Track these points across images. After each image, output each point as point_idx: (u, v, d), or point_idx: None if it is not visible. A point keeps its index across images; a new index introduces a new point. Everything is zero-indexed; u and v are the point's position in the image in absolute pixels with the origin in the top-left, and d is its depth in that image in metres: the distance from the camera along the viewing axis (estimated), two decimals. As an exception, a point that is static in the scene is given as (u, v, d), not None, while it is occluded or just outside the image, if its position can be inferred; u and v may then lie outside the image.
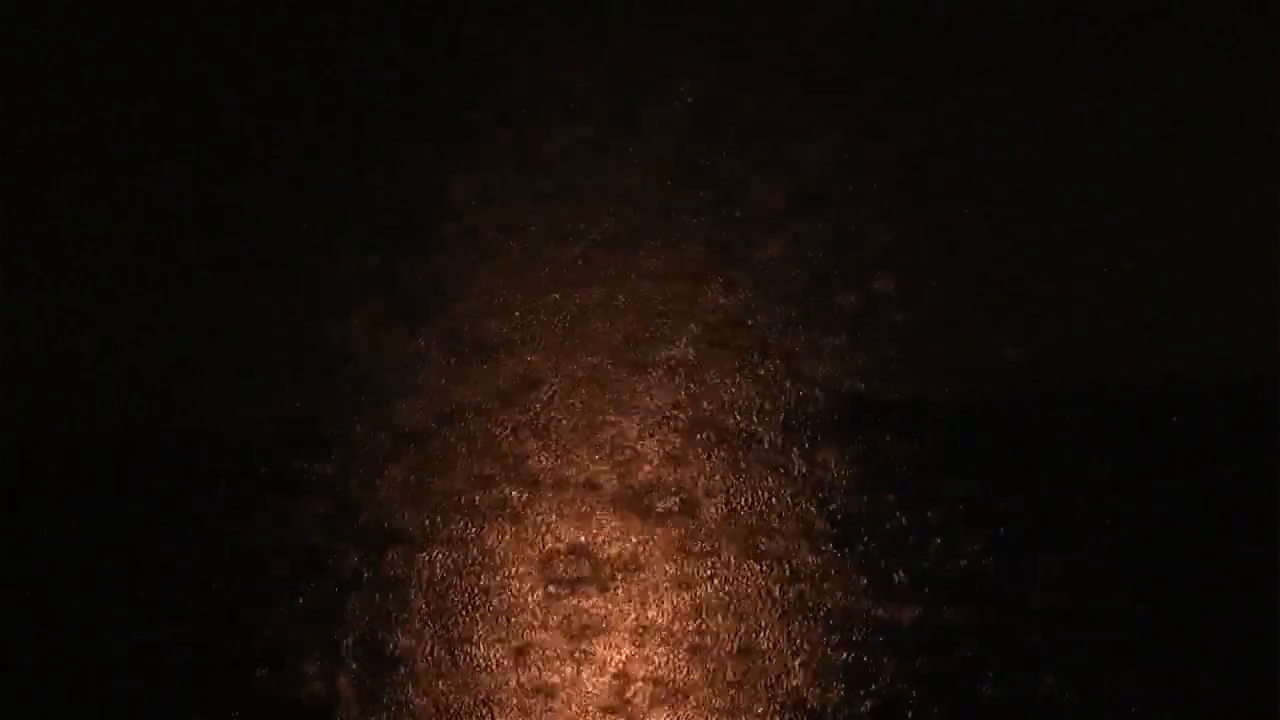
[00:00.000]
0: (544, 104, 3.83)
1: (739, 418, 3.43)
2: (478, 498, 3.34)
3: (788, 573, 3.25)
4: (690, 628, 3.19)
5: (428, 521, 3.32)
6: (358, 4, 3.97)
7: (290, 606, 3.22)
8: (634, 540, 3.28)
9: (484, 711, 3.12)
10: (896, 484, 3.34)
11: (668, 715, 3.11)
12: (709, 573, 3.25)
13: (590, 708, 3.12)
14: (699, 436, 3.40)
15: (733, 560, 3.26)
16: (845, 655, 3.16)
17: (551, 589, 3.23)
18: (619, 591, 3.23)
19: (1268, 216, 3.63)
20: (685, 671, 3.15)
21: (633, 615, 3.20)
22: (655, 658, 3.17)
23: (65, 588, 3.24)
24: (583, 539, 3.28)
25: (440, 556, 3.28)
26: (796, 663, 3.16)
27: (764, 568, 3.25)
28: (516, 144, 3.78)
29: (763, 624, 3.20)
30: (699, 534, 3.28)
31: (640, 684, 3.14)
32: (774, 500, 3.33)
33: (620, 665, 3.16)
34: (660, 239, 3.66)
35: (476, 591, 3.24)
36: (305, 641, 3.18)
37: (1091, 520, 3.30)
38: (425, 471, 3.37)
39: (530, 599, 3.22)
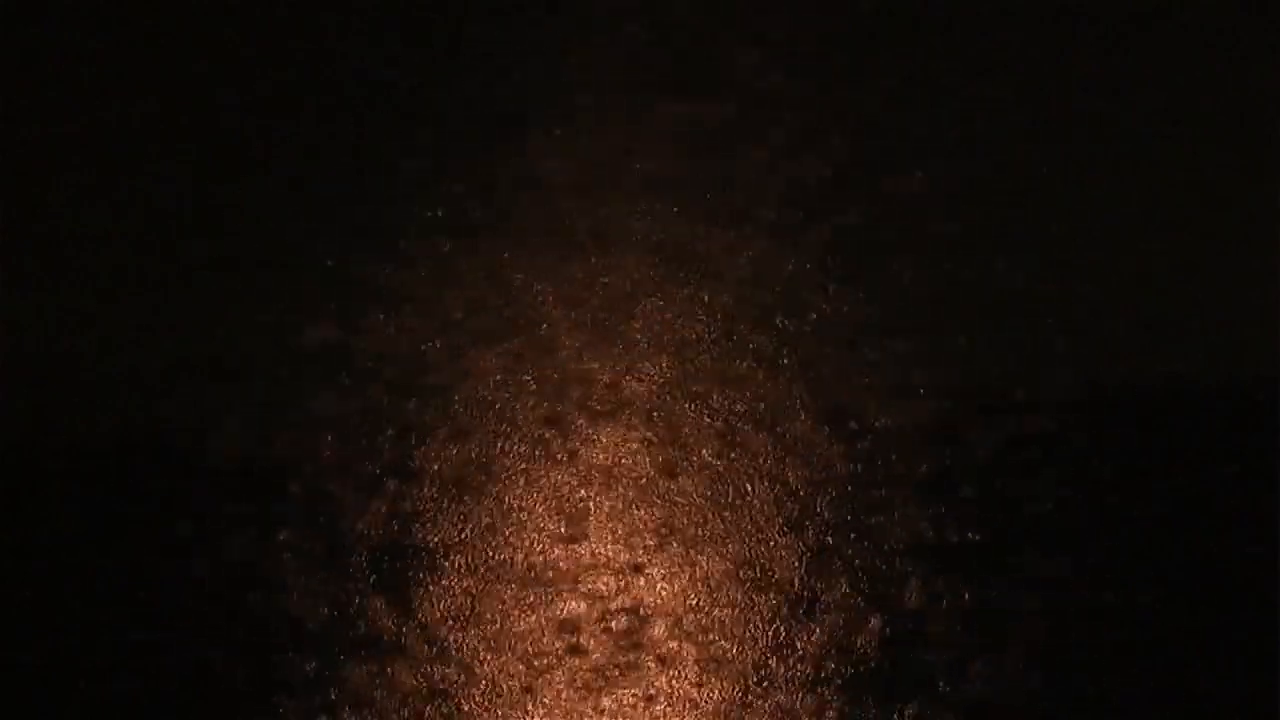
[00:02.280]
0: (544, 104, 3.83)
1: (742, 415, 3.43)
2: (485, 500, 3.35)
3: (774, 576, 3.25)
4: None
5: (429, 523, 3.32)
6: (358, 4, 3.97)
7: (291, 607, 3.21)
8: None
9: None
10: (895, 484, 3.34)
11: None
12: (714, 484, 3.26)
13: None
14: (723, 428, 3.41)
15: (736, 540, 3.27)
16: (838, 655, 3.16)
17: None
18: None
19: (1268, 216, 3.63)
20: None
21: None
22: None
23: (65, 588, 3.24)
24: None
25: (445, 562, 3.28)
26: (794, 660, 3.16)
27: (754, 568, 3.25)
28: (516, 144, 3.78)
29: (745, 628, 3.20)
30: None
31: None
32: (768, 499, 3.33)
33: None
34: (658, 240, 3.66)
35: (493, 603, 3.24)
36: (306, 642, 3.18)
37: (1091, 520, 3.30)
38: (426, 473, 3.38)
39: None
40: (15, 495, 3.36)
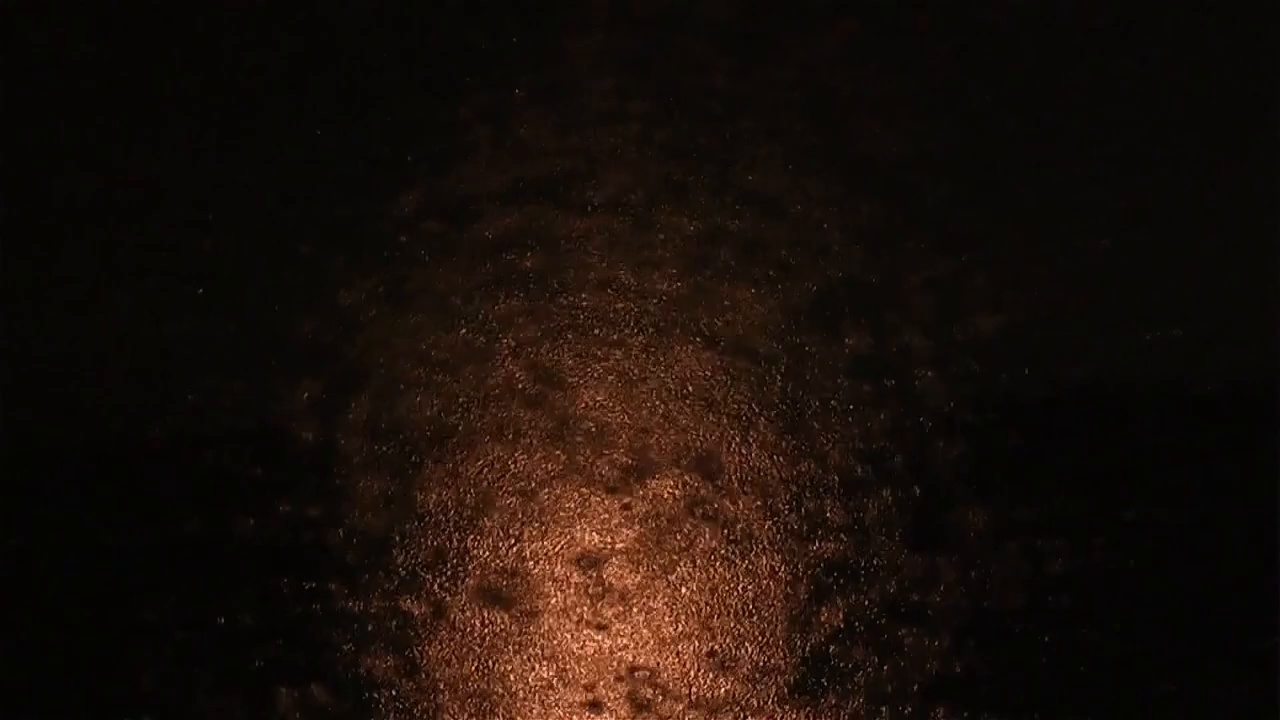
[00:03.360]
0: (544, 105, 3.83)
1: (744, 416, 3.43)
2: (488, 497, 3.35)
3: (780, 576, 3.25)
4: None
5: (430, 521, 3.32)
6: (358, 4, 3.97)
7: (290, 607, 3.22)
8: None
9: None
10: (895, 484, 3.34)
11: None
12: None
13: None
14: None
15: (745, 540, 3.27)
16: (836, 657, 3.16)
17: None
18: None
19: (1268, 216, 3.64)
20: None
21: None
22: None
23: (65, 588, 3.24)
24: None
25: (446, 563, 3.28)
26: (797, 656, 3.17)
27: (758, 561, 3.26)
28: (516, 145, 3.78)
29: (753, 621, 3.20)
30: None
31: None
32: (767, 498, 3.34)
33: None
34: (656, 244, 3.67)
35: (486, 614, 3.24)
36: (306, 642, 3.19)
37: (1091, 520, 3.30)
38: (428, 471, 3.38)
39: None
40: (15, 495, 3.36)
